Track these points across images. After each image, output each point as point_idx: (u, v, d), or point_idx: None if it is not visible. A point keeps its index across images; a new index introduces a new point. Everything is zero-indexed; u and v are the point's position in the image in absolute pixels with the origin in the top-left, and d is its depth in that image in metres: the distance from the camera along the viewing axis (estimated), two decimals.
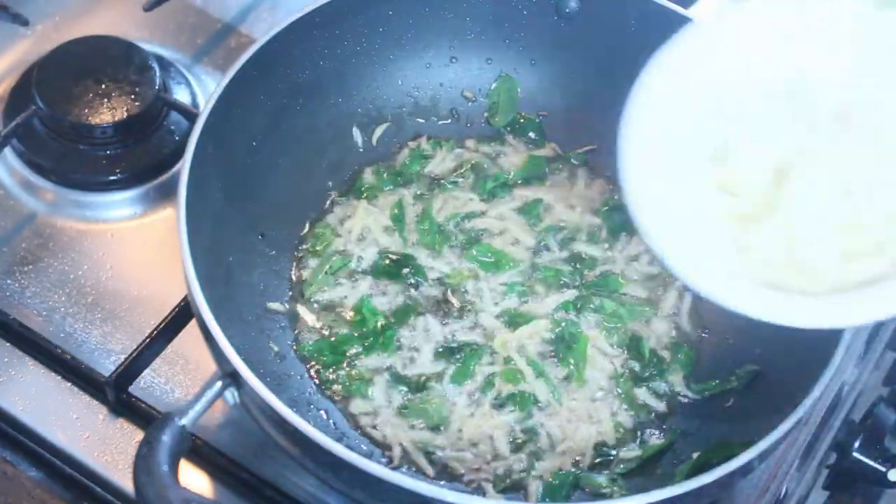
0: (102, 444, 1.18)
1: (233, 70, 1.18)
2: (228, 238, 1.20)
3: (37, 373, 1.22)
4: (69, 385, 1.21)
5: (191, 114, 1.37)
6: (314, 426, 0.98)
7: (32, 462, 1.19)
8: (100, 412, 1.20)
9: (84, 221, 1.34)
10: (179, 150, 1.21)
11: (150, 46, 1.44)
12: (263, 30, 1.35)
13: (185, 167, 1.10)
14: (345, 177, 1.34)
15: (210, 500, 1.10)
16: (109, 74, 1.38)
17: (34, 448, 1.19)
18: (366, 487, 1.00)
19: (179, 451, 0.98)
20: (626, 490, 1.14)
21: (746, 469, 1.02)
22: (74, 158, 1.36)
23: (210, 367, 1.17)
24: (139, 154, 1.37)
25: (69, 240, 1.32)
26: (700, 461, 1.13)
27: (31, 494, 1.18)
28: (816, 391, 1.03)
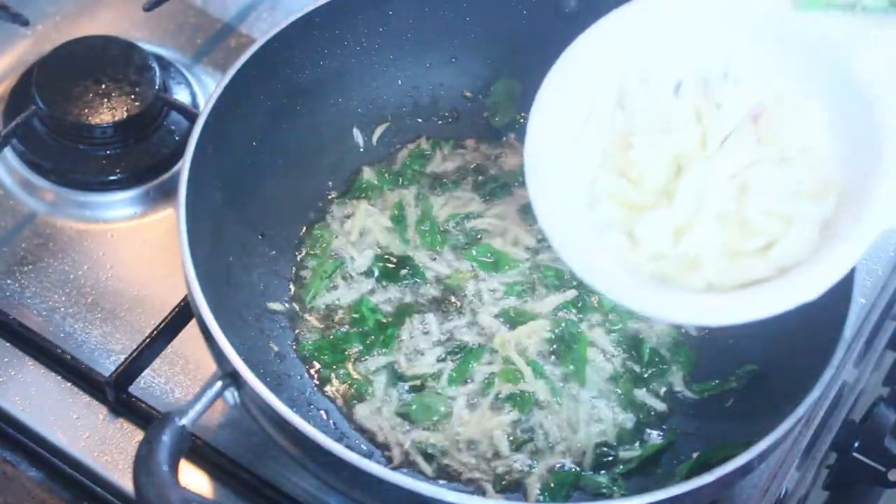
0: (102, 444, 1.18)
1: (233, 70, 1.18)
2: (228, 238, 1.20)
3: (37, 373, 1.22)
4: (69, 385, 1.21)
5: (191, 114, 1.37)
6: (314, 426, 0.98)
7: (32, 462, 1.19)
8: (100, 412, 1.20)
9: (84, 221, 1.34)
10: (179, 150, 1.21)
11: (150, 46, 1.44)
12: (263, 30, 1.36)
13: (185, 167, 1.10)
14: (345, 177, 1.34)
15: (210, 500, 1.11)
16: (109, 74, 1.38)
17: (34, 448, 1.19)
18: (366, 487, 1.00)
19: (179, 451, 0.98)
20: (626, 490, 1.14)
21: (746, 469, 1.02)
22: (74, 158, 1.36)
23: (210, 367, 1.17)
24: (139, 154, 1.37)
25: (69, 240, 1.32)
26: (700, 461, 1.13)
27: (31, 494, 1.18)
28: (816, 391, 1.03)
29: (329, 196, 1.33)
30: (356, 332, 1.23)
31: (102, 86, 1.37)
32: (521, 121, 1.39)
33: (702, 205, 1.05)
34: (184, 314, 1.20)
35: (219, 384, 1.03)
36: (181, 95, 1.42)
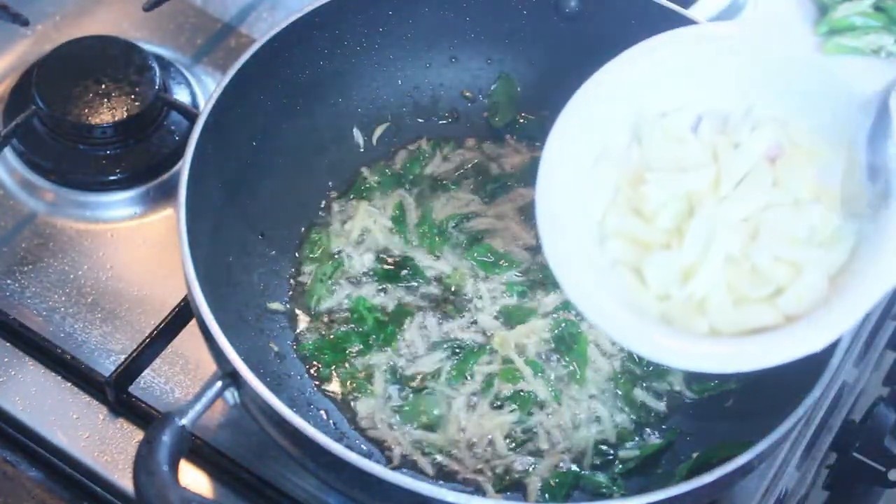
0: (102, 444, 1.18)
1: (233, 70, 1.18)
2: (228, 238, 1.20)
3: (37, 373, 1.22)
4: (69, 385, 1.21)
5: (191, 114, 1.37)
6: (314, 426, 0.97)
7: (32, 462, 1.19)
8: (100, 412, 1.20)
9: (84, 221, 1.34)
10: (179, 150, 1.21)
11: (150, 46, 1.44)
12: (263, 30, 1.36)
13: (185, 167, 1.10)
14: (345, 177, 1.34)
15: (210, 500, 1.11)
16: (109, 74, 1.38)
17: (34, 448, 1.19)
18: (366, 487, 1.00)
19: (179, 451, 0.98)
20: (626, 490, 1.14)
21: (746, 469, 1.02)
22: (74, 158, 1.36)
23: (210, 367, 1.17)
24: (139, 154, 1.37)
25: (69, 240, 1.32)
26: (700, 461, 1.13)
27: (31, 494, 1.18)
28: (816, 391, 1.03)
29: (329, 196, 1.33)
30: (356, 332, 1.23)
31: (102, 86, 1.37)
32: (521, 121, 1.39)
33: (710, 247, 1.03)
34: (184, 314, 1.20)
35: (219, 384, 1.02)
36: (181, 95, 1.42)
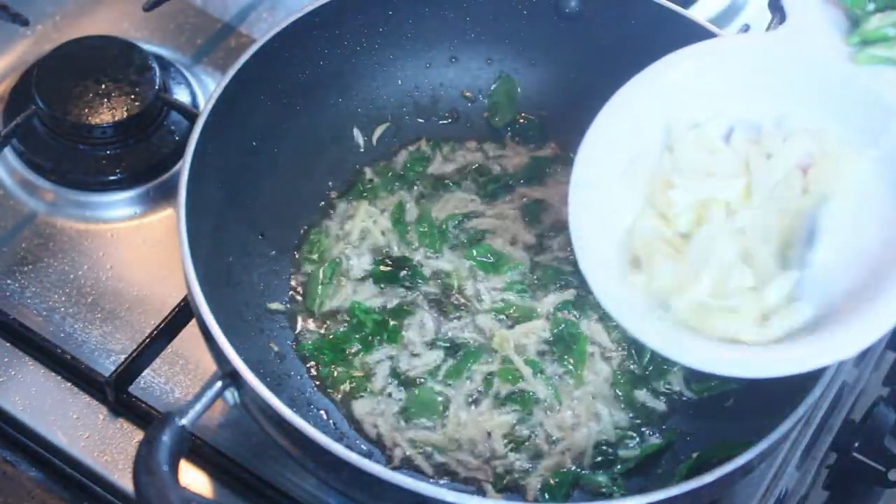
0: (102, 444, 1.18)
1: (233, 70, 1.18)
2: (228, 238, 1.20)
3: (37, 373, 1.22)
4: (69, 385, 1.21)
5: (191, 114, 1.37)
6: (314, 426, 0.98)
7: (32, 462, 1.19)
8: (100, 412, 1.20)
9: (84, 221, 1.34)
10: (179, 150, 1.21)
11: (150, 46, 1.44)
12: (263, 30, 1.36)
13: (185, 167, 1.10)
14: (345, 177, 1.34)
15: (210, 500, 1.11)
16: (109, 74, 1.38)
17: (34, 448, 1.19)
18: (365, 487, 1.00)
19: (179, 451, 0.98)
20: (626, 490, 1.14)
21: (746, 469, 1.02)
22: (74, 158, 1.36)
23: (210, 367, 1.17)
24: (139, 154, 1.37)
25: (69, 240, 1.32)
26: (700, 461, 1.13)
27: (31, 494, 1.18)
28: (816, 391, 1.03)
29: (329, 196, 1.33)
30: (356, 332, 1.23)
31: (102, 86, 1.37)
32: (521, 121, 1.39)
33: (708, 258, 1.04)
34: (184, 314, 1.20)
35: (219, 384, 1.03)
36: (181, 95, 1.42)
